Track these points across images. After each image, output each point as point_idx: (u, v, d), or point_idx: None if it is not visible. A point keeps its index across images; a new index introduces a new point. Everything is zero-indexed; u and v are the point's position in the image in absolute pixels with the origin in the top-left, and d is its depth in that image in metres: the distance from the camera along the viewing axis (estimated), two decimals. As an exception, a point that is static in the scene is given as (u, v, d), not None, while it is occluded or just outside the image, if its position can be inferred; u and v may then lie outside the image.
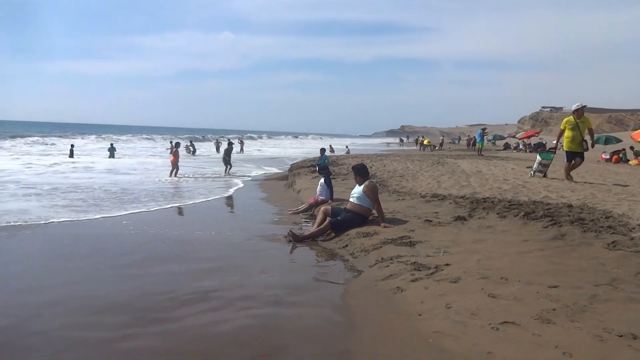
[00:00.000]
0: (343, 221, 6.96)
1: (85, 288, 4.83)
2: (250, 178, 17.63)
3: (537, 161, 13.03)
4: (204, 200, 11.63)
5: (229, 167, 19.24)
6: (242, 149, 39.46)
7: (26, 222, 8.01)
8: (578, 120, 11.10)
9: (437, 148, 43.68)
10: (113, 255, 6.20)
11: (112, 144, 30.87)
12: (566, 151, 11.42)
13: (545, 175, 12.60)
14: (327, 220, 6.96)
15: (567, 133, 11.22)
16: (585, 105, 11.21)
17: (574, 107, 11.21)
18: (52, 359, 3.27)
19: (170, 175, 17.29)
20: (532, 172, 13.01)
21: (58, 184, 14.02)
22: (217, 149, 39.71)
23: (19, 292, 4.74)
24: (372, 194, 6.99)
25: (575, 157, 11.35)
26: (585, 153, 11.41)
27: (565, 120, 11.53)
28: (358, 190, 7.18)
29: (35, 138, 43.34)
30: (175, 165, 17.69)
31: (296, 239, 6.71)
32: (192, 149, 33.72)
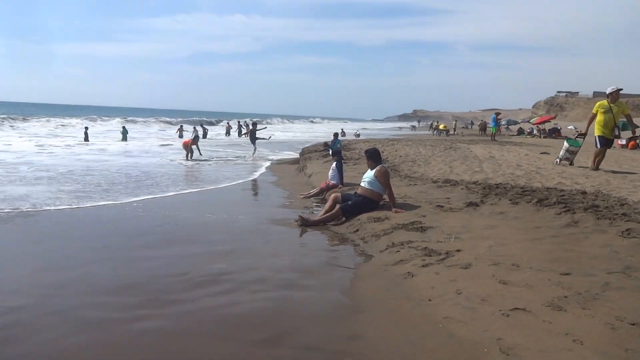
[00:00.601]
0: (354, 205, 6.96)
1: (101, 269, 4.91)
2: (270, 162, 17.66)
3: (564, 148, 12.33)
4: (230, 184, 11.65)
5: (255, 148, 19.19)
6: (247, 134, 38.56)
7: (41, 206, 8.12)
8: (612, 104, 10.48)
9: (450, 133, 43.02)
10: (127, 237, 6.30)
11: (124, 127, 31.04)
12: (598, 136, 10.70)
13: (571, 164, 11.98)
14: (337, 207, 6.96)
15: (600, 117, 10.58)
16: (620, 89, 10.56)
17: (608, 90, 10.59)
18: (67, 338, 3.34)
19: (186, 159, 17.41)
20: (558, 160, 12.40)
21: (72, 167, 14.20)
22: (227, 133, 39.48)
23: (36, 271, 4.83)
24: (383, 178, 6.96)
25: (607, 142, 10.70)
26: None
27: (598, 103, 10.89)
28: (370, 174, 7.16)
29: (50, 120, 43.62)
30: (189, 148, 17.78)
31: (306, 224, 6.74)
32: (202, 131, 33.28)
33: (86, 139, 26.80)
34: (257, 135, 19.57)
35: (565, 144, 12.42)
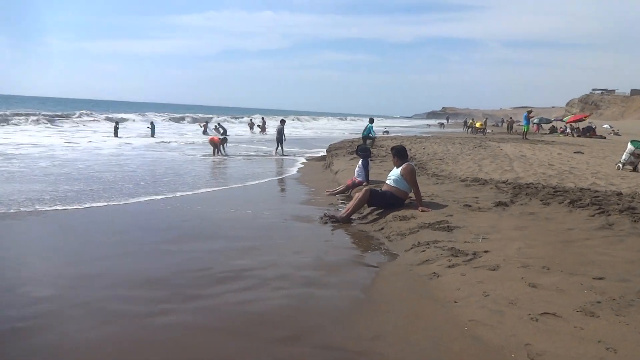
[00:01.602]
0: (383, 195, 6.90)
1: (125, 262, 4.98)
2: (301, 158, 17.69)
3: (627, 151, 10.95)
4: (257, 181, 11.70)
5: (279, 145, 19.23)
6: (264, 130, 36.98)
7: (72, 201, 8.30)
8: None
9: (488, 132, 39.58)
10: (153, 232, 6.39)
11: (152, 122, 31.51)
12: None
13: (636, 169, 10.73)
14: (366, 189, 6.88)
15: None
16: None
17: None
18: (90, 330, 3.39)
19: (214, 154, 17.62)
20: (620, 164, 11.13)
21: (103, 162, 14.52)
22: (251, 128, 39.48)
23: (62, 264, 4.94)
24: (409, 176, 6.86)
25: None
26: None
27: None
28: (395, 172, 7.06)
29: (81, 115, 44.38)
30: (217, 145, 17.97)
31: (333, 220, 6.70)
32: (221, 130, 32.56)
33: (116, 134, 27.34)
34: (283, 135, 19.44)
35: (630, 146, 11.04)
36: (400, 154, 7.17)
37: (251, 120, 43.22)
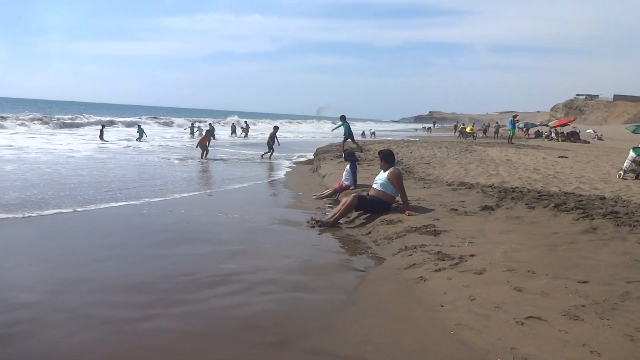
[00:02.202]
0: (371, 201, 6.92)
1: (110, 267, 4.92)
2: (290, 162, 17.65)
3: (629, 158, 10.62)
4: (244, 184, 11.63)
5: (271, 151, 18.99)
6: (246, 134, 37.04)
7: (51, 207, 8.19)
8: None
9: (478, 136, 38.58)
10: (138, 236, 6.32)
11: (139, 125, 31.21)
12: None
13: (638, 176, 10.37)
14: (354, 195, 6.90)
15: None
16: None
17: None
18: (75, 336, 3.33)
19: (202, 157, 17.57)
20: (621, 172, 10.75)
21: (85, 166, 14.35)
22: (233, 132, 38.87)
23: (46, 269, 4.86)
24: (396, 180, 6.89)
25: None
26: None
27: None
28: (382, 176, 7.09)
29: (67, 117, 43.69)
30: (205, 147, 17.90)
31: (320, 224, 6.70)
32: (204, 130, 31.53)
33: (101, 137, 26.99)
34: (276, 140, 19.23)
35: (632, 153, 10.68)
36: (387, 158, 7.20)
37: (233, 123, 42.28)
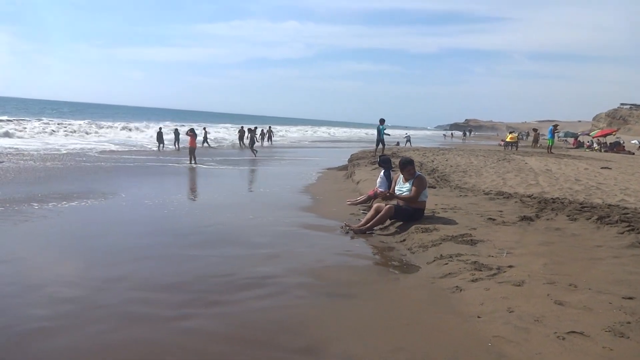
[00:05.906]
0: (406, 210, 6.83)
1: (148, 266, 5.04)
2: (324, 168, 17.68)
3: None
4: (276, 189, 11.75)
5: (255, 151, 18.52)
6: (270, 139, 37.11)
7: (96, 199, 8.44)
8: None
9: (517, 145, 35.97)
10: (175, 236, 6.44)
11: (176, 130, 31.56)
12: None
13: None
14: (389, 206, 6.80)
15: None
16: None
17: None
18: (112, 333, 3.43)
19: (190, 162, 17.33)
20: None
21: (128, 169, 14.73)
22: (241, 139, 31.63)
23: (88, 266, 5.03)
24: (418, 182, 6.81)
25: None
26: None
27: None
28: (407, 186, 6.97)
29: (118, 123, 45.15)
30: (193, 151, 17.62)
31: (353, 230, 6.66)
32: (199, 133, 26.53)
33: (159, 139, 27.07)
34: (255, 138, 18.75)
35: None
36: (408, 166, 7.06)
37: (242, 128, 33.37)
